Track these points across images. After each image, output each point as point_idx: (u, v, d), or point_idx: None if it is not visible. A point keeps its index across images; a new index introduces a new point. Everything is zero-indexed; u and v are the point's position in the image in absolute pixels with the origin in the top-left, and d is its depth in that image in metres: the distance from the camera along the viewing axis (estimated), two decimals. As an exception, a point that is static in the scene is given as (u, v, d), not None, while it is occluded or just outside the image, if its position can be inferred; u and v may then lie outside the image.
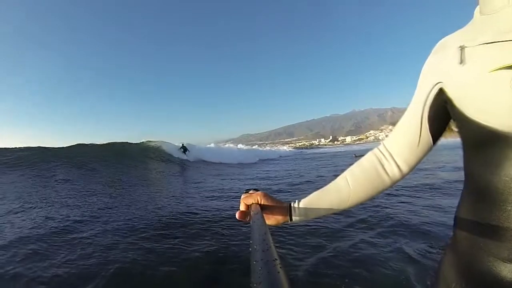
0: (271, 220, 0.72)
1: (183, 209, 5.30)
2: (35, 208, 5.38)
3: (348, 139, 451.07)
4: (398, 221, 4.02)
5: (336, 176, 0.74)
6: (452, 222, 0.67)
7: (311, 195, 0.74)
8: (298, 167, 16.14)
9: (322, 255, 3.06)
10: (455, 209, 0.66)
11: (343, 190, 0.71)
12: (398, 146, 0.70)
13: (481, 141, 0.54)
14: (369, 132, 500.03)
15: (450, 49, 0.58)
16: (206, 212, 4.97)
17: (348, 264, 2.83)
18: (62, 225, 4.22)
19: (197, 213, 4.88)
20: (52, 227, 4.15)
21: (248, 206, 0.70)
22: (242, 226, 3.91)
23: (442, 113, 0.63)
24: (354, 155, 19.32)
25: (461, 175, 0.61)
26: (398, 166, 0.70)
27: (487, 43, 0.50)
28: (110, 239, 3.63)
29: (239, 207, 0.71)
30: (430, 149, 0.69)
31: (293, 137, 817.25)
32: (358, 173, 0.72)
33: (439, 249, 3.03)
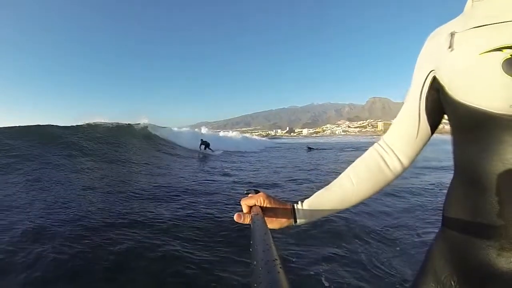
0: (274, 223, 0.71)
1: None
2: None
3: (305, 131, 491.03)
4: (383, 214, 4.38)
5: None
6: (440, 213, 0.68)
7: (314, 195, 0.74)
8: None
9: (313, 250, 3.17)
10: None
11: (347, 188, 0.72)
12: (398, 140, 0.72)
13: (472, 125, 0.54)
14: (325, 126, 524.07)
15: (441, 36, 0.60)
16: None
17: (332, 257, 3.00)
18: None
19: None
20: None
21: (249, 208, 0.69)
22: (242, 226, 2.65)
23: (438, 102, 0.63)
24: (307, 148, 20.22)
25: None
26: (399, 160, 0.72)
27: (476, 27, 0.51)
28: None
29: (240, 210, 0.70)
30: (428, 139, 0.71)
31: (250, 127, 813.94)
32: (360, 169, 0.73)
33: (428, 239, 3.06)
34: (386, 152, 0.73)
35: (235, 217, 0.68)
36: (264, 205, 0.69)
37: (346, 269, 2.81)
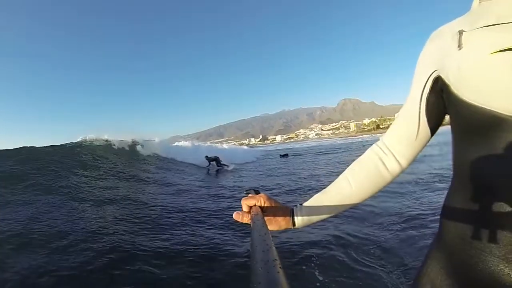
0: (273, 225, 0.71)
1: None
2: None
3: (278, 138, 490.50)
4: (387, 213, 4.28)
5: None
6: (436, 216, 0.67)
7: (313, 198, 0.74)
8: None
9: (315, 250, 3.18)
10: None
11: (345, 190, 0.72)
12: (397, 141, 0.72)
13: (479, 127, 0.53)
14: (298, 131, 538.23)
15: (447, 35, 0.59)
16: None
17: (328, 258, 2.99)
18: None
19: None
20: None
21: (249, 208, 0.69)
22: (242, 226, 3.53)
23: (439, 103, 0.63)
24: (279, 155, 19.07)
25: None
26: (397, 161, 0.71)
27: (487, 26, 0.51)
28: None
29: (240, 209, 0.70)
30: (428, 141, 0.70)
31: (223, 138, 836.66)
32: (358, 171, 0.73)
33: (426, 243, 2.87)
34: (385, 154, 0.72)
35: (234, 216, 0.69)
36: (264, 206, 0.70)
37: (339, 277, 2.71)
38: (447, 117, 0.66)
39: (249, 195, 0.72)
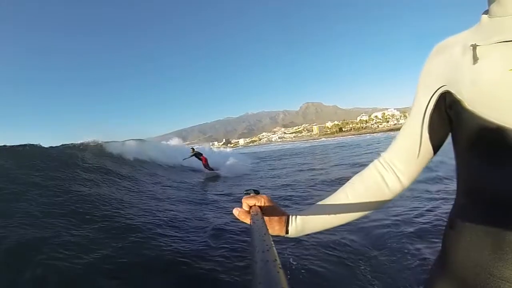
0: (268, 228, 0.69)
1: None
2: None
3: (242, 141, 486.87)
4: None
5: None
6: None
7: (308, 209, 0.74)
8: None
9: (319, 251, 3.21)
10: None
11: (342, 204, 0.71)
12: (398, 158, 0.70)
13: (494, 144, 0.51)
14: (261, 134, 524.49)
15: (456, 49, 0.58)
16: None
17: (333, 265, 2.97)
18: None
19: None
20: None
21: (249, 208, 0.69)
22: (242, 226, 3.86)
23: (444, 120, 0.62)
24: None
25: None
26: (399, 179, 0.70)
27: (505, 42, 0.50)
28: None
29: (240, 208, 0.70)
30: (430, 159, 0.69)
31: (186, 141, 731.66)
32: (358, 186, 0.72)
33: (424, 261, 2.88)
34: (386, 170, 0.72)
35: (234, 211, 0.71)
36: (264, 206, 0.70)
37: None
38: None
39: (249, 194, 0.73)
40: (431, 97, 0.62)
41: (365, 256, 3.18)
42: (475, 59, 0.52)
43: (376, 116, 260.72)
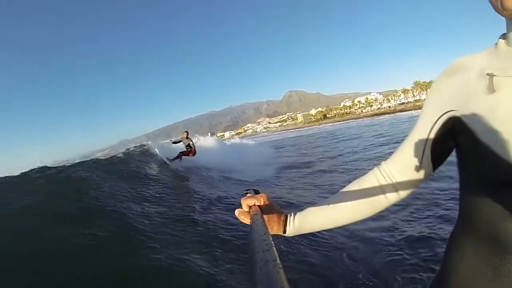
0: None
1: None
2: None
3: (227, 134, 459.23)
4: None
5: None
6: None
7: (306, 210, 0.75)
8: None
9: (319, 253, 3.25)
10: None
11: (339, 208, 0.73)
12: (397, 170, 0.71)
13: (506, 181, 0.49)
14: (246, 126, 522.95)
15: (470, 73, 0.57)
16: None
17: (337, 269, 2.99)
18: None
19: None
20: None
21: (249, 208, 0.69)
22: (242, 226, 3.89)
23: (448, 141, 0.62)
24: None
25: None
26: (396, 190, 0.72)
27: None
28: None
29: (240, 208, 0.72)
30: (429, 176, 0.70)
31: (171, 138, 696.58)
32: (356, 192, 0.74)
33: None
34: (385, 180, 0.73)
35: (235, 212, 0.72)
36: (263, 205, 0.71)
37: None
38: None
39: (248, 194, 0.73)
40: (439, 117, 0.61)
41: (364, 261, 3.21)
42: (490, 90, 0.51)
43: (359, 101, 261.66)
